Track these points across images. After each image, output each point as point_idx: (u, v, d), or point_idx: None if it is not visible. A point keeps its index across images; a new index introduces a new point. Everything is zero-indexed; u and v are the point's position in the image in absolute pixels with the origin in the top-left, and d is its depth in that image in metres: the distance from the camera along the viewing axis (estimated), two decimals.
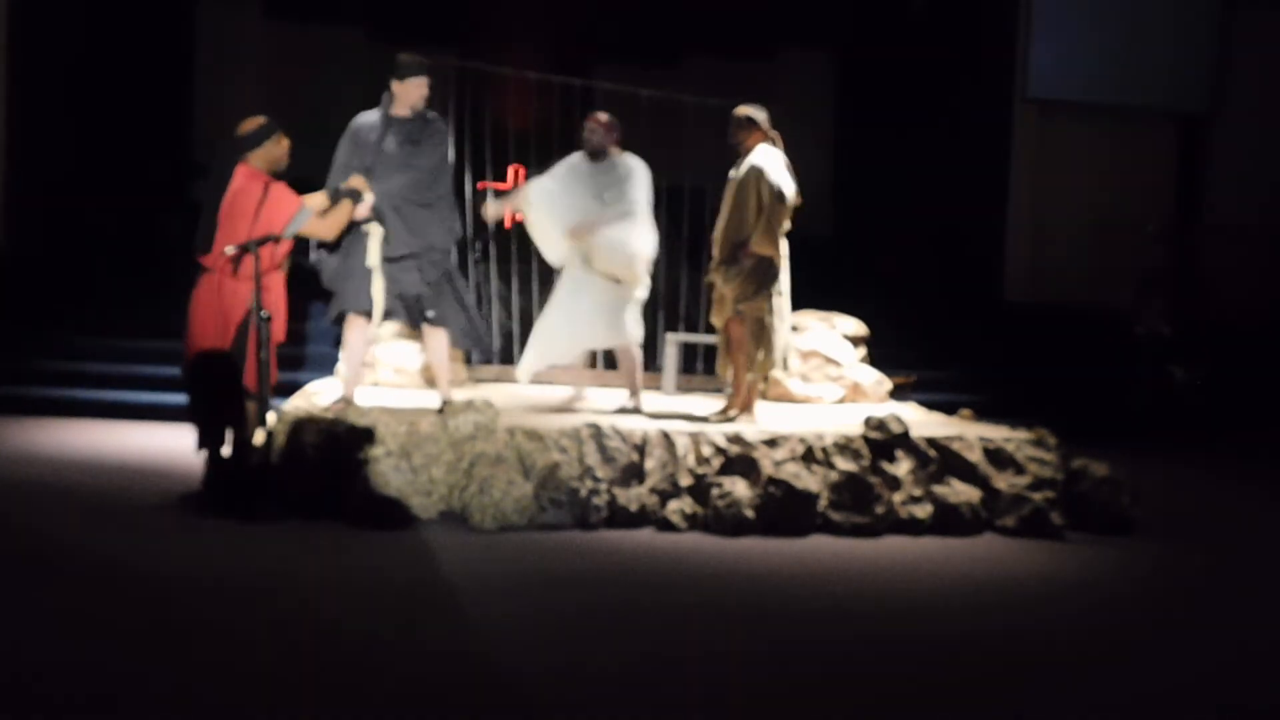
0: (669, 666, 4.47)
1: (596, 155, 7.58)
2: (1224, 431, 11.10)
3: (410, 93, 6.96)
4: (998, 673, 4.61)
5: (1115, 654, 4.92)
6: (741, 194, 7.20)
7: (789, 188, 7.16)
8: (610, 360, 8.62)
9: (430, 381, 8.07)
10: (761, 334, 7.22)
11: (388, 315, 7.05)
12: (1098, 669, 4.70)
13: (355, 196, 6.72)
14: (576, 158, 7.72)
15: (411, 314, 7.05)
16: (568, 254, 7.63)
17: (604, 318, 7.56)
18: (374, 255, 6.89)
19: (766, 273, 7.21)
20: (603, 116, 7.65)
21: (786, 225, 7.24)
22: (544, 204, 7.61)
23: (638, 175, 7.57)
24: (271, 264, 6.46)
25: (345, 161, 6.96)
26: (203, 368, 6.43)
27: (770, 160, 7.19)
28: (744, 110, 7.34)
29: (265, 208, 6.40)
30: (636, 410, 7.60)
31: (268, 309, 6.32)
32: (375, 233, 6.87)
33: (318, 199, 6.73)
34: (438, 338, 7.14)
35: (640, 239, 7.53)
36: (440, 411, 6.83)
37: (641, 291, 7.67)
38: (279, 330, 6.57)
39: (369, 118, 7.05)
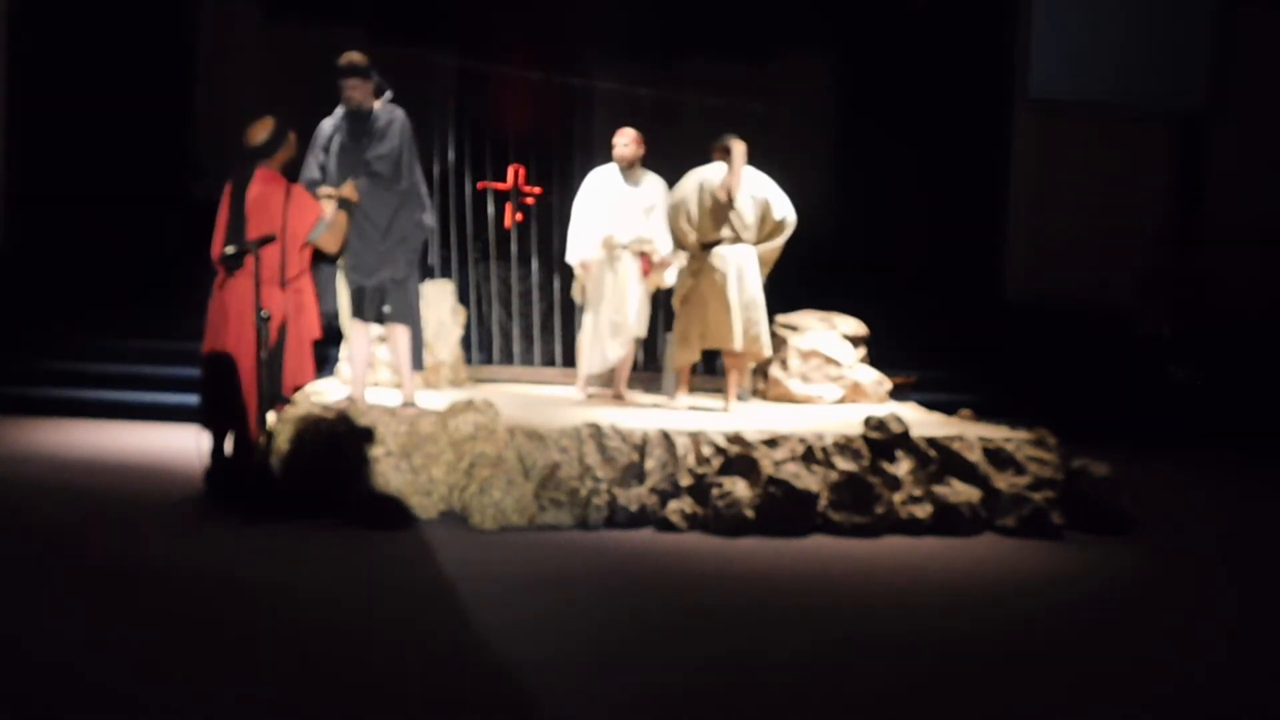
0: (669, 666, 4.48)
1: (630, 168, 8.20)
2: (1223, 432, 11.09)
3: (347, 92, 6.89)
4: (998, 672, 4.62)
5: (1115, 654, 4.92)
6: None
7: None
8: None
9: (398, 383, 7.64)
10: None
11: (355, 312, 6.93)
12: (1097, 669, 4.71)
13: (347, 206, 6.69)
14: (610, 173, 8.21)
15: (370, 306, 6.92)
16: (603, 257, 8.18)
17: (639, 313, 8.24)
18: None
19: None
20: (633, 131, 8.22)
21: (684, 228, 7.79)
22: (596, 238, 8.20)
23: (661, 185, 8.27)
24: (301, 268, 6.47)
25: (307, 163, 6.92)
26: (211, 368, 6.45)
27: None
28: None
29: (291, 212, 6.41)
30: (620, 397, 8.30)
31: (299, 312, 6.34)
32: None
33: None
34: (398, 336, 7.03)
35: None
36: (394, 414, 6.71)
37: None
38: (314, 329, 6.58)
39: (329, 120, 7.02)
